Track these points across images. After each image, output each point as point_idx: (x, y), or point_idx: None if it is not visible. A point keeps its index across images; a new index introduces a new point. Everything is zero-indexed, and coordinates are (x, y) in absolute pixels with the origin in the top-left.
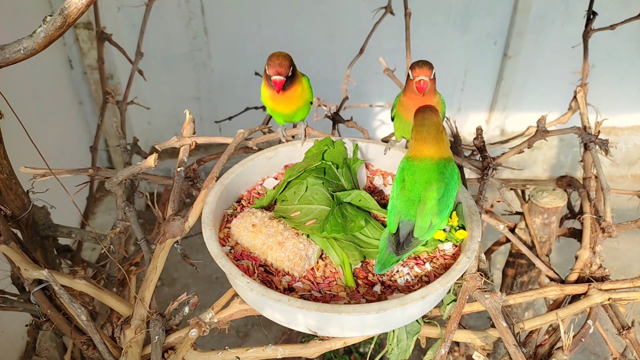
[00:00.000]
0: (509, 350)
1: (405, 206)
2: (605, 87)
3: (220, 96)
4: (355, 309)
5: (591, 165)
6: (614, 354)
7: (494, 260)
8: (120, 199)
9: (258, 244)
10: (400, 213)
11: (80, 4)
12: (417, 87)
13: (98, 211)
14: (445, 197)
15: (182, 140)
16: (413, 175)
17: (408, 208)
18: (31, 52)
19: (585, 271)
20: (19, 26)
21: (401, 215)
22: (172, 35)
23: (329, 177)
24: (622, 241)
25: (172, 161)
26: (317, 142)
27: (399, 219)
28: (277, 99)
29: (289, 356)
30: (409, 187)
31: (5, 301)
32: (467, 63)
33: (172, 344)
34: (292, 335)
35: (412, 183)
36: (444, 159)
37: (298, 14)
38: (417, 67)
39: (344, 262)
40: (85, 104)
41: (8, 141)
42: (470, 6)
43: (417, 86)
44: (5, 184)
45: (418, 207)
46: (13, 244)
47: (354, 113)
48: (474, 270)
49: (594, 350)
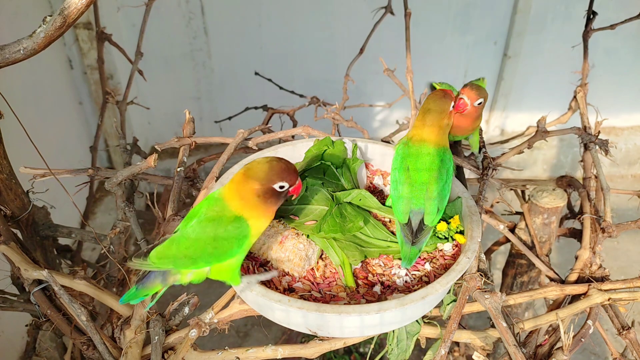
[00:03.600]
0: (509, 350)
1: (414, 194)
2: (605, 87)
3: (220, 96)
4: (355, 309)
5: (591, 165)
6: (614, 354)
7: (494, 260)
8: (120, 199)
9: (258, 244)
10: (410, 202)
11: (80, 4)
12: (456, 104)
13: (98, 211)
14: (448, 182)
15: (182, 140)
16: (416, 163)
17: (417, 196)
18: (31, 52)
19: (585, 271)
20: (19, 26)
21: (411, 205)
22: (172, 35)
23: (329, 177)
24: (622, 241)
25: (172, 161)
26: (317, 142)
27: (409, 208)
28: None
29: (289, 356)
30: (413, 174)
31: (5, 301)
32: (467, 63)
33: (172, 344)
34: (292, 335)
35: (416, 170)
36: (443, 147)
37: (298, 14)
38: (467, 87)
39: (344, 262)
40: (85, 104)
41: (8, 141)
42: (470, 6)
43: (457, 103)
44: (5, 184)
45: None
46: (13, 244)
47: (354, 113)
48: (474, 270)
49: (594, 350)
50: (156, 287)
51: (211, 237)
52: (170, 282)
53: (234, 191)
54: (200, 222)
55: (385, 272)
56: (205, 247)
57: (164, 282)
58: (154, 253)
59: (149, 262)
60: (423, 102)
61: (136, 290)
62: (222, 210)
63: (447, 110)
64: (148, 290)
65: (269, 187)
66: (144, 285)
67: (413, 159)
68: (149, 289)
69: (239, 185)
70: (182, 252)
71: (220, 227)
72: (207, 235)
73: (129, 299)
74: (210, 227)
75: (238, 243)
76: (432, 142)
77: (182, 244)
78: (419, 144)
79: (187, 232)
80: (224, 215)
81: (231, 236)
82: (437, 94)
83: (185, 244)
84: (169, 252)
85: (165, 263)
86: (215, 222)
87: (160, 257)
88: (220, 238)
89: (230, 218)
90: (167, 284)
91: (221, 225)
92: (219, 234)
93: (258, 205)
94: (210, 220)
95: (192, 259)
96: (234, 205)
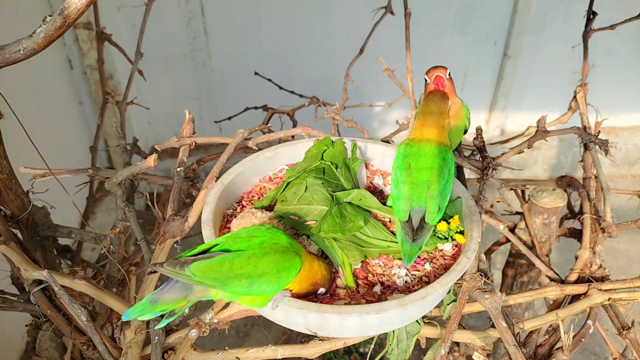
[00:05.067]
0: (509, 350)
1: (415, 192)
2: (605, 87)
3: (220, 96)
4: (355, 309)
5: (591, 165)
6: (614, 354)
7: (494, 260)
8: (120, 199)
9: None
10: (411, 200)
11: (80, 4)
12: (435, 83)
13: (98, 211)
14: (449, 182)
15: (181, 140)
16: (418, 161)
17: (418, 194)
18: (31, 52)
19: (585, 271)
20: (19, 26)
21: (412, 203)
22: (172, 35)
23: (329, 177)
24: (622, 241)
25: (172, 161)
26: (317, 142)
27: (409, 206)
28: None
29: (289, 356)
30: (415, 172)
31: (5, 301)
32: (467, 63)
33: (172, 345)
34: (292, 335)
35: (418, 169)
36: (445, 146)
37: (298, 14)
38: (432, 69)
39: (344, 262)
40: (85, 104)
41: (8, 141)
42: (470, 6)
43: (434, 83)
44: (5, 184)
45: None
46: (13, 244)
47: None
48: (474, 270)
49: (594, 350)
50: (178, 302)
51: (274, 262)
52: (197, 297)
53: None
54: (263, 245)
55: (385, 272)
56: (267, 275)
57: (189, 296)
58: (197, 266)
59: (187, 272)
60: (421, 104)
61: (150, 303)
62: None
63: (447, 110)
64: (167, 305)
65: (314, 289)
66: (162, 298)
67: (415, 157)
68: (168, 303)
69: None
70: (233, 272)
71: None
72: (271, 260)
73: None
74: (272, 254)
75: (290, 275)
76: (434, 141)
77: (237, 264)
78: (420, 143)
79: (245, 253)
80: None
81: (290, 267)
82: (435, 95)
83: (241, 265)
84: (217, 268)
85: (210, 280)
86: (280, 252)
87: (204, 272)
88: (282, 269)
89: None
90: (193, 299)
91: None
92: (281, 264)
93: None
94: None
95: (249, 283)
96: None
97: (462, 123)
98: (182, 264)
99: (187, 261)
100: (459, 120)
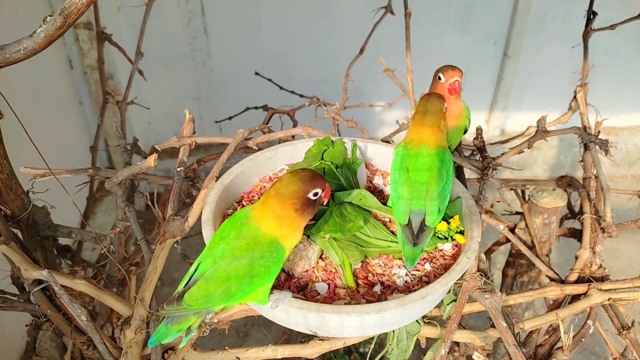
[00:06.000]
0: (509, 350)
1: (414, 195)
2: (605, 87)
3: (220, 96)
4: (355, 309)
5: (591, 165)
6: (614, 354)
7: (494, 260)
8: (120, 199)
9: None
10: (410, 203)
11: (80, 4)
12: (450, 88)
13: (98, 211)
14: (448, 183)
15: (182, 140)
16: (416, 163)
17: (417, 197)
18: (31, 52)
19: (585, 271)
20: (19, 26)
21: (411, 206)
22: (172, 35)
23: (329, 177)
24: (622, 241)
25: (172, 161)
26: (317, 142)
27: (408, 209)
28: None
29: (289, 356)
30: (413, 175)
31: (5, 301)
32: (467, 63)
33: (172, 344)
34: (292, 335)
35: (416, 171)
36: (443, 147)
37: (298, 14)
38: (449, 69)
39: (344, 262)
40: (85, 104)
41: (8, 141)
42: (470, 6)
43: (450, 87)
44: (5, 184)
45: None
46: (13, 244)
47: (354, 113)
48: (474, 270)
49: (594, 350)
50: (190, 320)
51: (247, 266)
52: (205, 312)
53: (268, 212)
54: (233, 251)
55: (385, 272)
56: (242, 281)
57: (197, 313)
58: (188, 296)
59: (184, 305)
60: (417, 105)
61: (166, 328)
62: (255, 236)
63: (443, 111)
64: (181, 326)
65: (305, 198)
66: (176, 321)
67: (413, 159)
68: (182, 324)
69: (274, 205)
70: (218, 290)
71: (256, 254)
72: (243, 265)
73: (160, 339)
74: (245, 257)
75: (275, 267)
76: (431, 142)
77: (216, 281)
78: (418, 145)
79: (220, 266)
80: (258, 241)
81: (268, 262)
82: (431, 96)
83: (220, 280)
84: (204, 292)
85: (201, 304)
86: (250, 250)
87: (196, 299)
88: (257, 266)
89: (265, 243)
90: (202, 314)
91: (256, 251)
92: (255, 262)
93: (295, 220)
94: (244, 248)
95: (228, 295)
96: (268, 227)
97: (462, 123)
98: (178, 298)
99: (181, 294)
100: (460, 121)
